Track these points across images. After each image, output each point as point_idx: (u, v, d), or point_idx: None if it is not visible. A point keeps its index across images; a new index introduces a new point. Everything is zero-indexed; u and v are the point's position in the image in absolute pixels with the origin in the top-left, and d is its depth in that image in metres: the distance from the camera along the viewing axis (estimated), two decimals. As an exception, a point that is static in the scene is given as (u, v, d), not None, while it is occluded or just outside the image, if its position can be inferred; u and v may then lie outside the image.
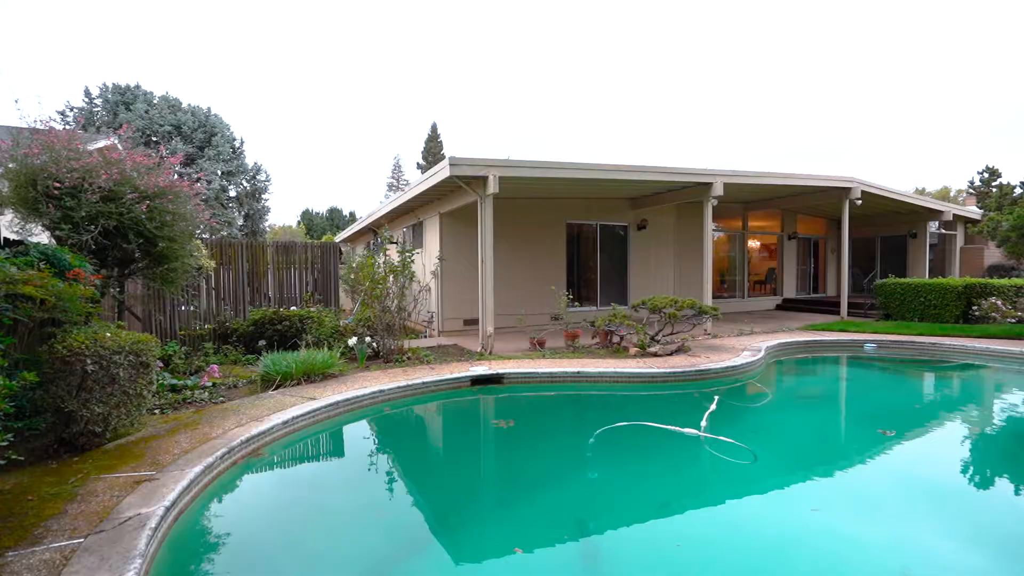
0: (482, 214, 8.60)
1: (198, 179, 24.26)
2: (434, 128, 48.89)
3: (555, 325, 10.30)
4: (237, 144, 28.92)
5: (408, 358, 7.88)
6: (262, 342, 8.04)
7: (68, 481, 3.50)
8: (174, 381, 5.97)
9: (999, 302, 11.14)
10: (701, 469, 4.56)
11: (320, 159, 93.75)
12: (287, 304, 9.59)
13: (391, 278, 8.38)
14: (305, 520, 3.64)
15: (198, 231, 8.91)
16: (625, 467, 4.61)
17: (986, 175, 30.92)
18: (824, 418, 6.40)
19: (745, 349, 8.61)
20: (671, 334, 8.85)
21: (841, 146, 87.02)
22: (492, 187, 8.33)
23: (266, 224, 32.63)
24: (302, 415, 5.15)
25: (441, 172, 8.57)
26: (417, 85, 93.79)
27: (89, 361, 3.82)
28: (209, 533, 3.38)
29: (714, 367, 7.27)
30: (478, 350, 8.54)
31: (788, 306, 16.51)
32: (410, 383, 6.42)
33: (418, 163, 48.74)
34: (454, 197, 10.23)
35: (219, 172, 26.82)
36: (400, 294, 8.46)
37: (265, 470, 4.34)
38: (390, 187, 51.47)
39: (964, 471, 4.56)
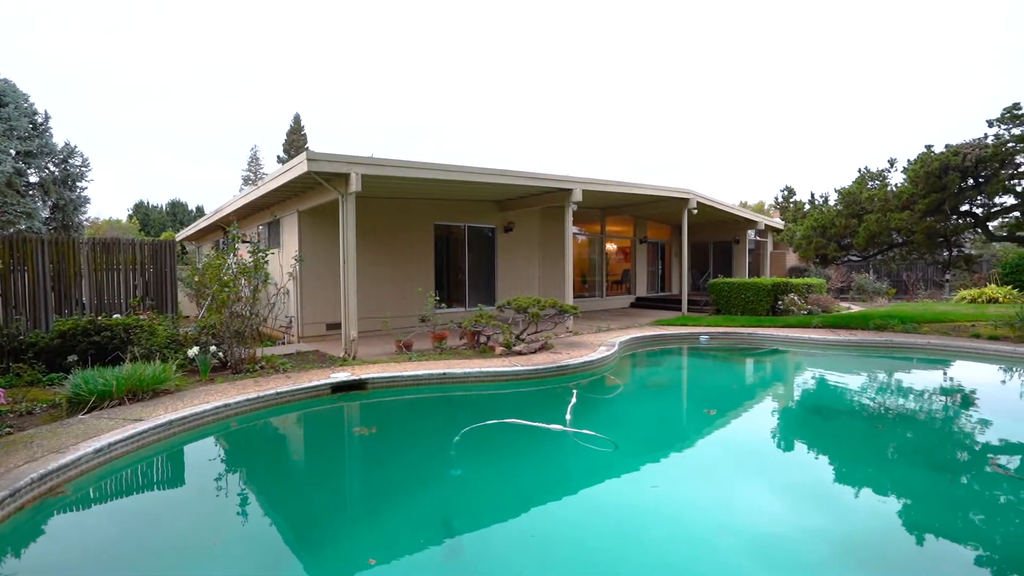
0: (344, 213, 8.20)
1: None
2: (297, 119, 45.47)
3: (423, 327, 10.19)
4: (40, 120, 23.99)
5: (262, 367, 7.22)
6: (73, 357, 6.78)
7: None
8: (-64, 412, 4.77)
9: (796, 297, 13.57)
10: (564, 461, 4.84)
11: (161, 146, 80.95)
12: (109, 312, 8.21)
13: (243, 280, 7.61)
14: (121, 563, 3.14)
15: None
16: (492, 465, 4.73)
17: (785, 192, 37.36)
18: (664, 404, 7.21)
19: (601, 344, 9.35)
20: (535, 333, 9.28)
21: (685, 161, 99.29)
22: (355, 185, 7.99)
23: (84, 217, 27.54)
24: (122, 440, 4.45)
25: (298, 167, 8.00)
26: (279, 71, 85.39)
27: None
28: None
29: (573, 363, 7.78)
30: (341, 355, 8.12)
31: (640, 304, 18.28)
32: (262, 394, 5.89)
33: (279, 156, 44.93)
34: (314, 194, 9.62)
35: (12, 152, 22.01)
36: (253, 297, 7.72)
37: (68, 511, 3.66)
38: (246, 180, 46.70)
39: (771, 436, 5.53)
